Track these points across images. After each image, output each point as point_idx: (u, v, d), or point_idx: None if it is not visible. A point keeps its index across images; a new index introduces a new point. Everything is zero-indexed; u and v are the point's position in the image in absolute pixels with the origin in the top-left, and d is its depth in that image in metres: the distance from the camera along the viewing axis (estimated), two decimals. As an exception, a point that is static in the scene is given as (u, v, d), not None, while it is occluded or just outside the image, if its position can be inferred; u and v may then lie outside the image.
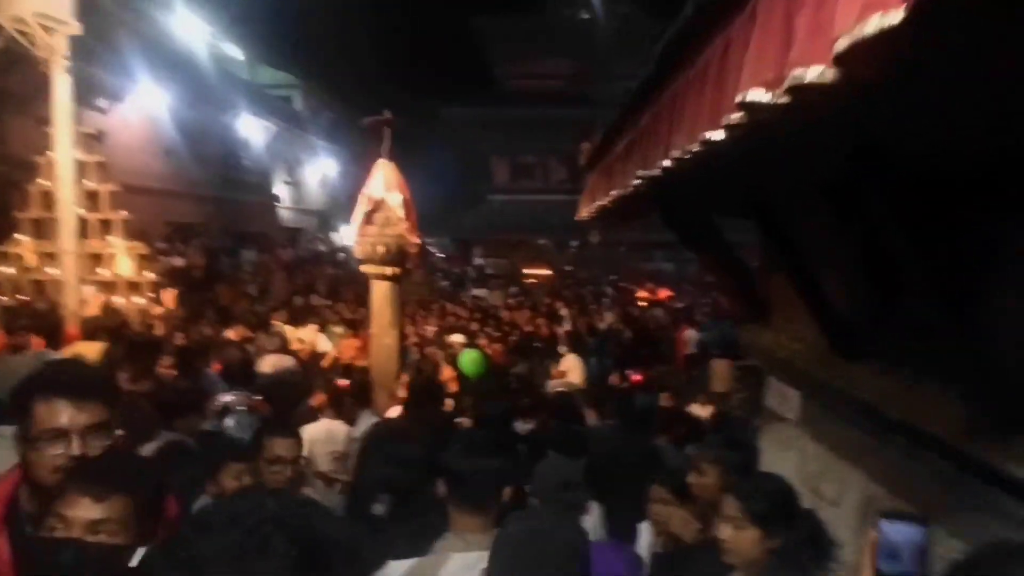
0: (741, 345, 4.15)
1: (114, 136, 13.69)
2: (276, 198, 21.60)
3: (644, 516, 2.41)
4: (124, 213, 5.92)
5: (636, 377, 6.62)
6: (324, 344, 6.39)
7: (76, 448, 1.33)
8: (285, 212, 22.06)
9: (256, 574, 0.68)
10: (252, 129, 19.68)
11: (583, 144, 4.56)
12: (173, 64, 15.06)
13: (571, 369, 6.63)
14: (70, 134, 5.38)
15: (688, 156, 1.59)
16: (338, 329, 7.81)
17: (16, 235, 5.65)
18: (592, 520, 2.53)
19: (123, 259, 5.58)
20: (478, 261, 23.81)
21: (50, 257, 5.52)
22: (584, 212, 4.39)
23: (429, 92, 24.80)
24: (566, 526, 1.30)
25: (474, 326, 9.70)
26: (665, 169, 1.84)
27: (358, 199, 5.28)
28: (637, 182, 2.31)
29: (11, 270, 5.55)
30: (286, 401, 3.60)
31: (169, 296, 5.90)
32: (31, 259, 5.57)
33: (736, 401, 5.23)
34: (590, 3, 23.20)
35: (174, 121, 15.22)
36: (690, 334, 9.68)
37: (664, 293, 17.06)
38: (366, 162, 5.47)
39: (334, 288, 13.72)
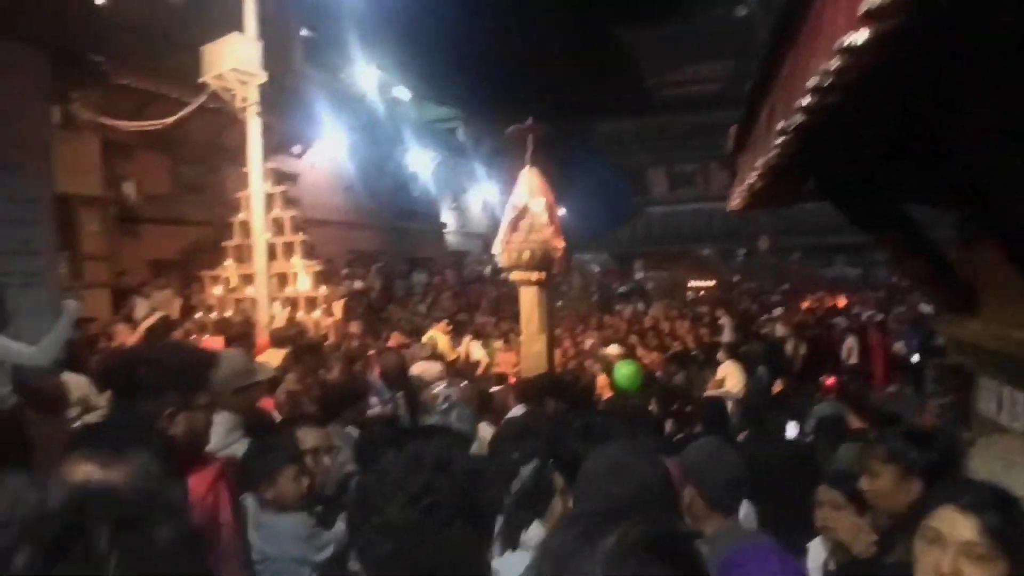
0: (942, 343, 3.52)
1: (304, 177, 15.59)
2: (443, 224, 23.06)
3: (810, 528, 2.09)
4: (303, 236, 6.69)
5: (830, 381, 5.95)
6: (478, 353, 6.60)
7: None
8: (451, 236, 23.44)
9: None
10: (420, 161, 21.29)
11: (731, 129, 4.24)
12: (351, 109, 16.85)
13: (729, 377, 6.15)
14: (261, 171, 6.15)
15: (829, 81, 1.35)
16: (497, 343, 8.09)
17: (224, 262, 6.64)
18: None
19: (303, 277, 6.30)
20: (639, 275, 23.27)
21: (248, 278, 6.36)
22: (736, 200, 4.05)
23: (584, 110, 25.00)
24: (645, 458, 1.28)
25: (632, 338, 9.45)
26: (807, 111, 1.59)
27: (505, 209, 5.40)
28: (779, 140, 2.04)
29: (219, 290, 6.52)
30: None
31: (339, 308, 6.53)
32: (234, 280, 6.48)
33: (937, 409, 4.43)
34: (741, 3, 21.92)
35: (353, 160, 16.96)
36: (878, 340, 8.54)
37: (842, 301, 15.29)
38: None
39: (497, 306, 14.23)
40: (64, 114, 7.70)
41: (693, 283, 19.40)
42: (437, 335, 5.82)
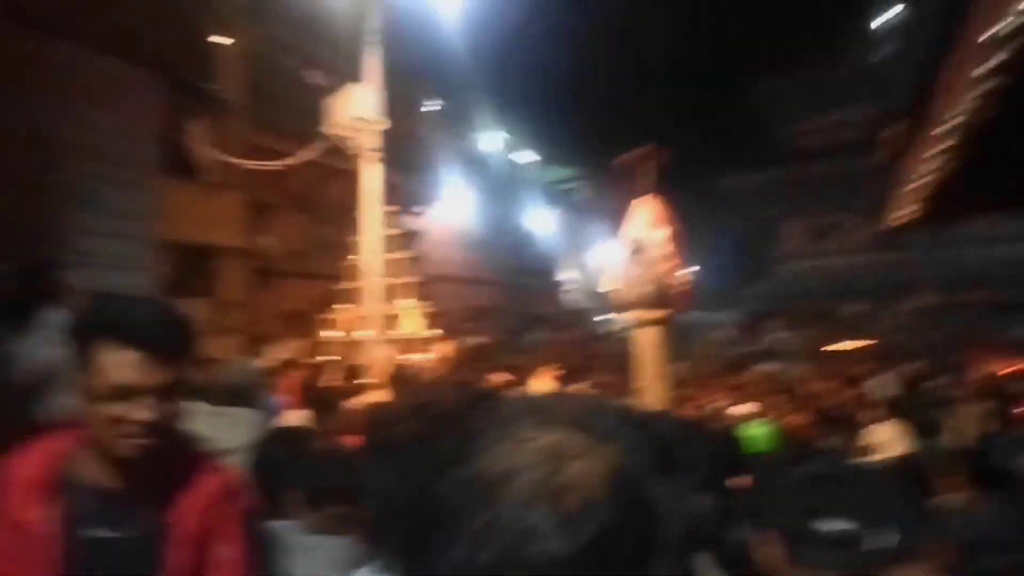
0: None
1: (426, 234, 16.17)
2: (563, 282, 22.92)
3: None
4: (416, 277, 6.68)
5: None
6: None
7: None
8: (572, 295, 23.18)
9: None
10: (541, 220, 21.50)
11: (881, 136, 3.59)
12: (475, 171, 17.48)
13: (889, 441, 5.12)
14: (379, 215, 6.24)
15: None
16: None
17: (336, 304, 6.80)
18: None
19: (412, 318, 6.23)
20: (773, 335, 21.39)
21: (361, 320, 6.39)
22: (898, 214, 3.36)
23: (706, 165, 24.23)
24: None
25: (768, 399, 8.44)
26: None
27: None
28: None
29: (335, 333, 6.63)
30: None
31: (449, 349, 6.37)
32: (347, 323, 6.56)
33: None
34: (879, 46, 20.38)
35: (475, 218, 17.43)
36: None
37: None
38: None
39: (620, 364, 13.56)
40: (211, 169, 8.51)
41: (838, 345, 17.37)
42: (543, 379, 5.42)
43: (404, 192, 14.81)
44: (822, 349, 16.39)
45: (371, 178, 6.27)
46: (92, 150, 6.71)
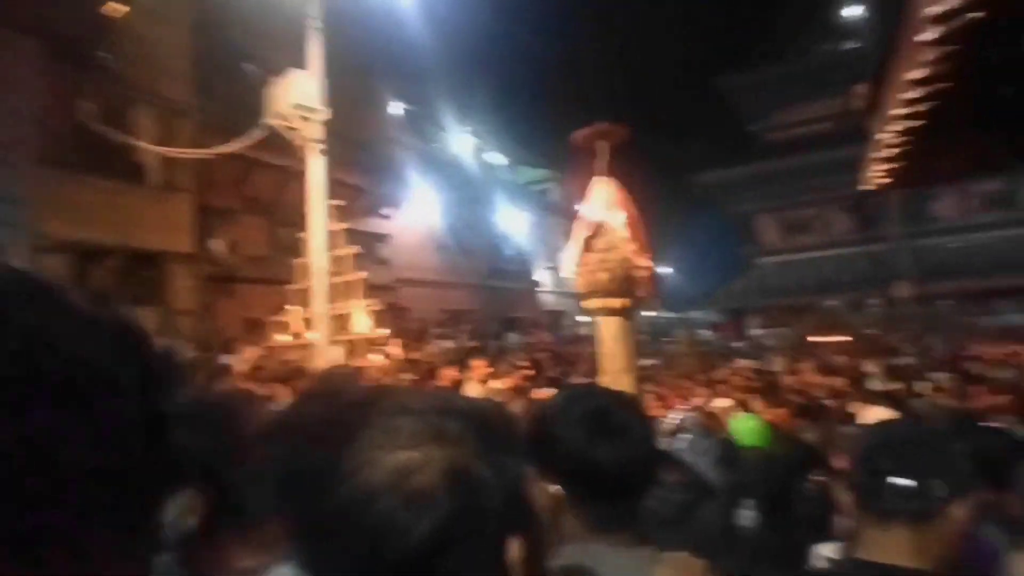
0: None
1: (396, 238, 15.72)
2: (537, 284, 22.56)
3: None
4: (363, 274, 6.25)
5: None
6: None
7: None
8: (547, 296, 22.82)
9: None
10: (514, 222, 21.15)
11: (856, 88, 3.29)
12: (445, 173, 17.09)
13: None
14: (323, 209, 5.82)
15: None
16: None
17: (287, 306, 6.35)
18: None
19: (361, 318, 5.82)
20: (754, 332, 21.24)
21: (310, 322, 5.95)
22: (874, 171, 3.05)
23: (682, 163, 24.11)
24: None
25: (749, 395, 8.16)
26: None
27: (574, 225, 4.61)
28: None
29: (285, 336, 6.18)
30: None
31: (397, 350, 5.95)
32: (297, 325, 6.12)
33: None
34: (852, 33, 20.39)
35: (446, 221, 17.03)
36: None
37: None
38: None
39: (594, 366, 13.22)
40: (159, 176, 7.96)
41: (819, 339, 17.22)
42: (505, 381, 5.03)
43: (372, 195, 14.38)
44: (802, 343, 16.23)
45: (316, 171, 5.85)
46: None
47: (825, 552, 1.57)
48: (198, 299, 8.83)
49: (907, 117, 2.32)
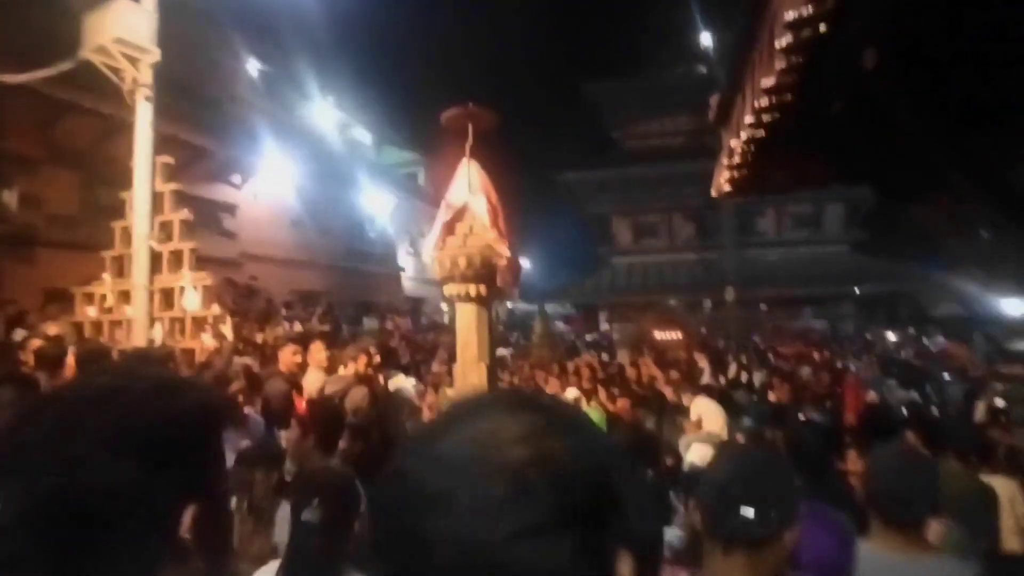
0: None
1: (245, 209, 14.48)
2: (400, 269, 22.03)
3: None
4: (192, 244, 5.53)
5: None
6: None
7: None
8: (409, 282, 22.38)
9: None
10: (378, 204, 20.41)
11: (711, 98, 3.45)
12: (304, 145, 15.98)
13: (706, 416, 5.22)
14: (149, 166, 5.09)
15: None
16: (451, 391, 7.14)
17: (103, 275, 5.47)
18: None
19: (191, 294, 5.15)
20: (604, 327, 22.44)
21: (126, 296, 5.18)
22: (722, 180, 3.21)
23: (546, 161, 24.76)
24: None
25: (596, 385, 8.53)
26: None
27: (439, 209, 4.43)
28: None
29: (93, 311, 5.31)
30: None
31: (230, 331, 5.37)
32: (111, 298, 5.30)
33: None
34: (706, 58, 22.18)
35: (302, 196, 15.97)
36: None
37: (815, 353, 14.67)
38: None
39: (452, 355, 13.13)
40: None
41: (659, 335, 18.64)
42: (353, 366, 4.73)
43: (218, 158, 13.09)
44: (644, 339, 17.39)
45: (142, 121, 5.10)
46: None
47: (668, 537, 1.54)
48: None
49: (752, 126, 2.42)
